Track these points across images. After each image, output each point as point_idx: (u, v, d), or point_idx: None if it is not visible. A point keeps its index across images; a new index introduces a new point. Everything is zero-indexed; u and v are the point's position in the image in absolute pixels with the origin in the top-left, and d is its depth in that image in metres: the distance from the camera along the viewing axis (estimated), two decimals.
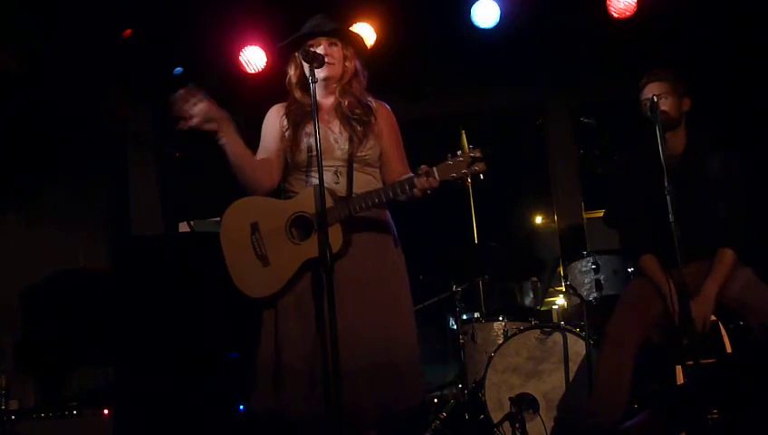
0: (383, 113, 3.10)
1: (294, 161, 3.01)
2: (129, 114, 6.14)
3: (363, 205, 2.84)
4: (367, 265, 2.92)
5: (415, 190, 2.79)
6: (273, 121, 3.08)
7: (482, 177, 2.75)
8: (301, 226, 2.89)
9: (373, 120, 3.04)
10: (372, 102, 3.09)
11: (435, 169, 2.76)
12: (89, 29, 5.21)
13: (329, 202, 2.82)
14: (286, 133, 3.03)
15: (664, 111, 3.56)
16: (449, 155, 2.76)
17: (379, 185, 3.03)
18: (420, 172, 2.77)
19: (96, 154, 5.94)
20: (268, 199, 3.02)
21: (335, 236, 2.81)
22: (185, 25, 5.33)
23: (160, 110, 6.08)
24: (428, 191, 2.79)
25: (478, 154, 2.73)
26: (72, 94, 5.55)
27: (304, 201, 2.88)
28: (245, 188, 3.01)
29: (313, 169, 2.92)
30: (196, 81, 2.99)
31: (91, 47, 5.33)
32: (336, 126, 3.02)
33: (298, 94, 3.07)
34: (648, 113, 3.50)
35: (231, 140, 2.91)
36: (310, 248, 2.84)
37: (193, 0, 5.27)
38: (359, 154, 2.98)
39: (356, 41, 3.14)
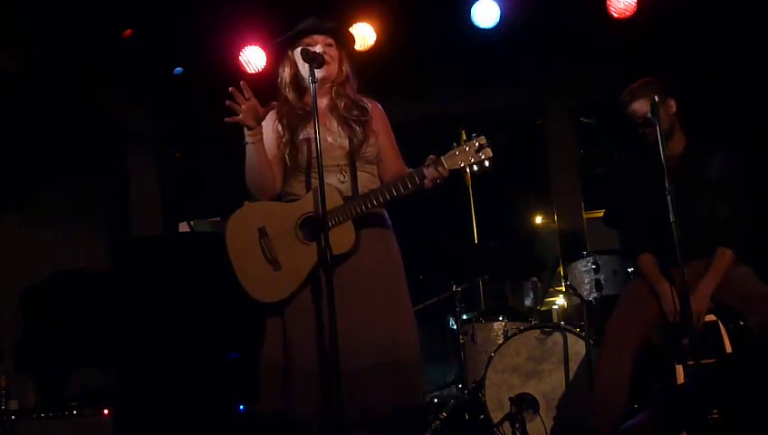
0: (376, 112, 3.11)
1: (295, 164, 2.99)
2: (129, 114, 6.15)
3: (375, 201, 2.83)
4: (372, 263, 2.92)
5: (426, 181, 2.79)
6: (269, 129, 3.03)
7: (487, 164, 2.74)
8: (309, 227, 2.88)
9: (370, 120, 3.05)
10: (366, 102, 3.09)
11: (443, 158, 2.76)
12: (89, 29, 5.20)
13: (338, 200, 2.82)
14: (284, 139, 3.01)
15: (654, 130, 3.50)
16: (454, 144, 2.77)
17: (378, 182, 3.04)
18: (429, 162, 2.77)
19: (96, 154, 5.94)
20: (273, 203, 3.01)
21: (347, 233, 2.81)
22: (185, 25, 5.33)
23: (160, 110, 6.10)
24: (438, 181, 2.79)
25: (483, 141, 2.74)
26: (72, 95, 5.55)
27: (312, 202, 2.86)
28: (256, 191, 2.99)
29: (314, 170, 2.90)
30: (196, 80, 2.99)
31: (91, 47, 5.33)
32: (334, 126, 3.02)
33: (290, 95, 3.06)
34: (649, 115, 3.48)
35: (261, 140, 2.91)
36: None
37: (193, 0, 5.27)
38: (360, 153, 2.99)
39: (350, 42, 3.14)
